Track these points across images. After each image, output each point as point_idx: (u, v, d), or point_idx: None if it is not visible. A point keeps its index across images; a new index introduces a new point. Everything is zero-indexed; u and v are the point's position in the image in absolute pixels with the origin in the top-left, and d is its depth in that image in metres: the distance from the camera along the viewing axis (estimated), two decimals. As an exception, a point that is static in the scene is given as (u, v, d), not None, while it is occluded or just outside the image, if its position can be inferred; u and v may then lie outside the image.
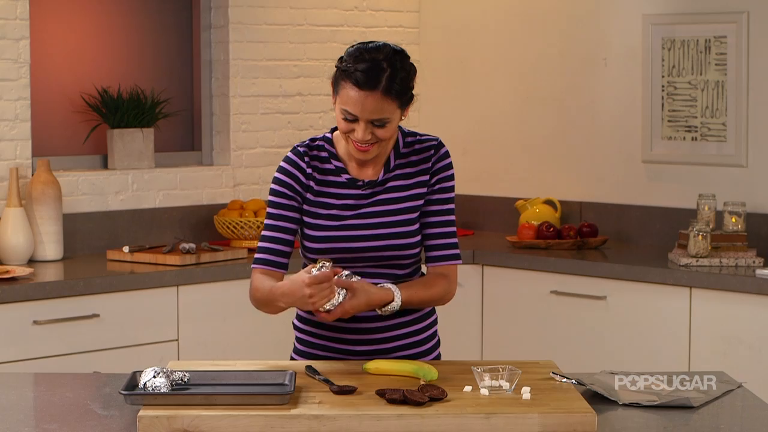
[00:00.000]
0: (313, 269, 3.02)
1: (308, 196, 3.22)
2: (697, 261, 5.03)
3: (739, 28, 5.39)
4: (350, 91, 3.09)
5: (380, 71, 3.08)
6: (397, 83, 3.10)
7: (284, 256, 3.21)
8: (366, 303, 3.10)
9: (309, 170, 3.22)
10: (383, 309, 3.16)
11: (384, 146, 3.18)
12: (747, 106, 5.41)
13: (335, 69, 3.15)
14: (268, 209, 3.23)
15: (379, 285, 3.16)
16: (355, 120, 3.10)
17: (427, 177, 3.25)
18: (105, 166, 5.65)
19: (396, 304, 3.16)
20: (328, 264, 3.02)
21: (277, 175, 3.23)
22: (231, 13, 5.82)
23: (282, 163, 3.24)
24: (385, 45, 3.14)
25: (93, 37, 5.80)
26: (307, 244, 3.21)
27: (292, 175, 3.22)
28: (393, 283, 3.20)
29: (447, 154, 3.27)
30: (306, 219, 3.22)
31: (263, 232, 3.23)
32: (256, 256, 3.22)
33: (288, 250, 3.22)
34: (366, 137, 3.11)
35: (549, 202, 5.96)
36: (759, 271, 4.83)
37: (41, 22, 5.53)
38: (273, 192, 3.23)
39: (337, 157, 3.24)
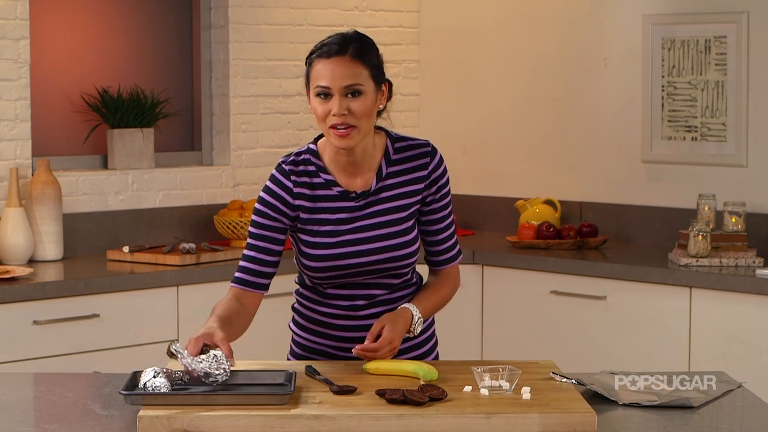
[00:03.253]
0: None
1: (300, 215, 3.16)
2: (697, 261, 5.03)
3: (739, 28, 5.39)
4: (319, 65, 3.07)
5: (347, 41, 3.09)
6: (365, 50, 3.09)
7: (264, 276, 3.17)
8: (402, 327, 3.14)
9: (297, 189, 3.15)
10: (412, 328, 3.17)
11: (364, 133, 3.09)
12: (747, 106, 5.41)
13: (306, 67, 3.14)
14: (250, 228, 3.17)
15: (398, 308, 3.18)
16: (329, 95, 3.06)
17: (421, 185, 3.20)
18: (105, 166, 5.65)
19: (417, 317, 3.17)
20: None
21: (262, 194, 3.17)
22: (231, 13, 5.82)
23: (268, 183, 3.17)
24: (353, 29, 3.17)
25: (93, 37, 5.80)
26: (306, 262, 3.17)
27: (277, 196, 3.15)
28: (407, 301, 3.23)
29: (442, 159, 3.23)
30: (303, 237, 3.17)
31: (244, 251, 3.18)
32: (235, 274, 3.18)
33: (269, 271, 3.17)
34: (342, 109, 3.04)
35: (549, 202, 5.96)
36: (759, 271, 4.83)
37: (41, 22, 5.53)
38: (256, 212, 3.17)
39: (325, 170, 3.18)
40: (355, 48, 3.07)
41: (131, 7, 5.91)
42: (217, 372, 2.82)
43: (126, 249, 5.18)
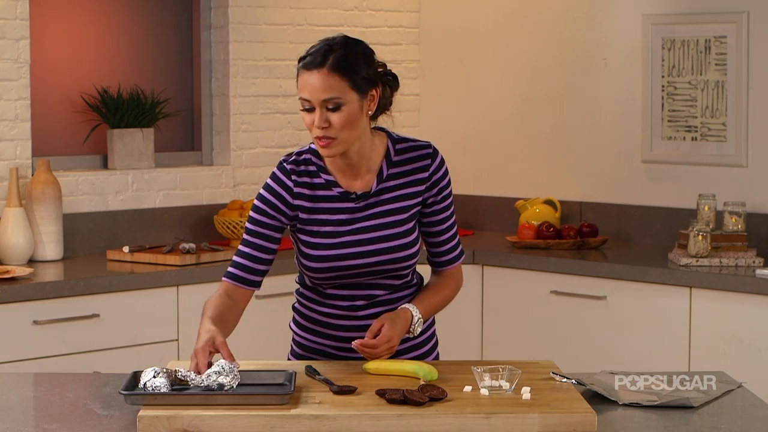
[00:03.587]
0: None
1: (299, 215, 3.16)
2: (697, 261, 5.03)
3: (739, 28, 5.39)
4: (303, 77, 3.06)
5: (328, 51, 3.05)
6: (346, 61, 3.04)
7: (257, 273, 3.17)
8: (402, 327, 3.14)
9: (297, 189, 3.15)
10: (412, 329, 3.18)
11: (348, 142, 3.08)
12: (747, 106, 5.41)
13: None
14: (247, 224, 3.17)
15: (398, 308, 3.18)
16: (311, 109, 3.05)
17: (422, 187, 3.20)
18: (105, 166, 5.65)
19: (417, 317, 3.17)
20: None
21: (262, 192, 3.17)
22: (231, 13, 5.82)
23: (268, 181, 3.18)
24: (342, 35, 3.13)
25: (93, 37, 5.80)
26: (306, 263, 3.16)
27: (277, 195, 3.15)
28: (407, 301, 3.23)
29: (443, 161, 3.23)
30: (303, 237, 3.17)
31: (239, 247, 3.18)
32: (228, 269, 3.18)
33: (262, 268, 3.16)
34: (322, 123, 3.03)
35: (549, 202, 5.96)
36: (759, 271, 4.83)
37: (41, 22, 5.53)
38: (255, 209, 3.17)
39: (326, 170, 3.17)
40: (335, 60, 3.04)
41: (131, 7, 5.91)
42: (231, 380, 2.81)
43: (126, 249, 5.18)
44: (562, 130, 6.03)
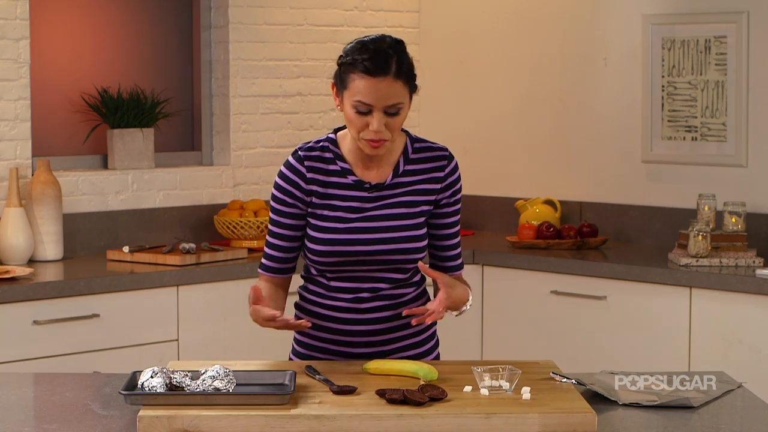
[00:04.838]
0: None
1: (313, 200, 3.20)
2: (697, 261, 5.03)
3: (739, 28, 5.39)
4: (361, 82, 3.07)
5: (388, 56, 3.08)
6: (406, 67, 3.11)
7: (289, 262, 3.26)
8: (461, 293, 3.19)
9: (310, 175, 3.20)
10: (461, 310, 3.23)
11: (393, 140, 3.16)
12: (747, 106, 5.41)
13: (338, 66, 3.14)
14: (271, 215, 3.24)
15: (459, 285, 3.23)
16: (368, 112, 3.09)
17: (437, 186, 3.24)
18: (105, 166, 5.65)
19: (470, 302, 3.25)
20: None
21: (277, 181, 3.23)
22: (231, 13, 5.83)
23: (282, 169, 3.23)
24: (384, 35, 3.15)
25: (93, 37, 5.80)
26: (311, 245, 3.19)
27: (292, 182, 3.21)
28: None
29: (458, 167, 3.29)
30: (312, 221, 3.20)
31: (267, 238, 3.26)
32: (262, 261, 3.27)
33: (293, 256, 3.26)
34: (381, 127, 3.08)
35: (549, 202, 5.96)
36: (759, 271, 4.83)
37: (41, 22, 5.53)
38: (274, 199, 3.23)
39: (342, 158, 3.22)
40: (397, 66, 3.08)
41: (131, 7, 5.91)
42: (226, 384, 2.81)
43: (126, 249, 5.18)
44: (562, 130, 6.03)
